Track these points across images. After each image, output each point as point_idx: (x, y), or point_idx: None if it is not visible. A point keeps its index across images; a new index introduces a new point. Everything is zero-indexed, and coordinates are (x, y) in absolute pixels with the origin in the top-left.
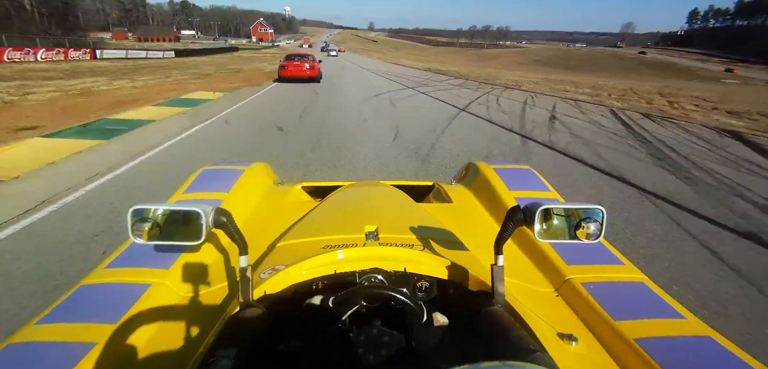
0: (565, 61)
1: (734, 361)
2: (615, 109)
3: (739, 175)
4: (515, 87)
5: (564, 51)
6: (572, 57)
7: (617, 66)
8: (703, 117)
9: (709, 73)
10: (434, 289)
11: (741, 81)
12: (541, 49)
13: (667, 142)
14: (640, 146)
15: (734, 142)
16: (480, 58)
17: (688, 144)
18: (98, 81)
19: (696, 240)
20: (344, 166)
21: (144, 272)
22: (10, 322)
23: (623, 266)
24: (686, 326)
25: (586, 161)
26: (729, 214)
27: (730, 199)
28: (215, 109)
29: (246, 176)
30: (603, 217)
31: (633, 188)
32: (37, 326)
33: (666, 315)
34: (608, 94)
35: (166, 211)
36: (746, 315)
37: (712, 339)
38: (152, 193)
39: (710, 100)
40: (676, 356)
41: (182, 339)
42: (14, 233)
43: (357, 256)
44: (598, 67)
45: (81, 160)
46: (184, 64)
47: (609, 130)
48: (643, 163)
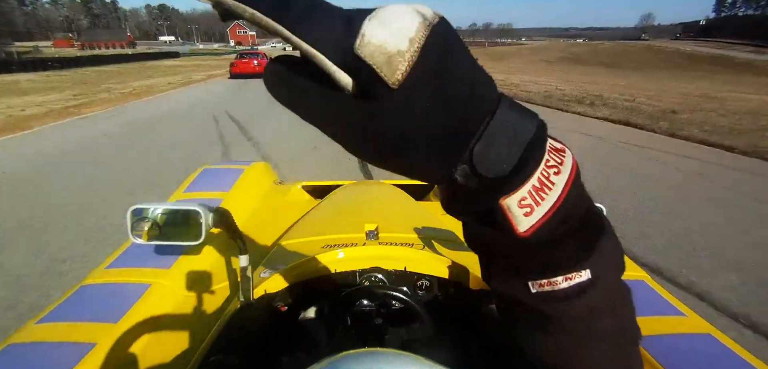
0: (596, 56)
1: (734, 359)
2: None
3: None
4: (559, 106)
5: (591, 46)
6: (604, 52)
7: (662, 62)
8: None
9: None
10: (435, 288)
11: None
12: (566, 44)
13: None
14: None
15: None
16: (491, 57)
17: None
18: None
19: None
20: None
21: (144, 272)
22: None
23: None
24: (686, 324)
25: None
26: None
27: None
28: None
29: (246, 175)
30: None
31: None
32: (37, 326)
33: (666, 312)
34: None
35: (166, 210)
36: None
37: (712, 336)
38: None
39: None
40: (676, 354)
41: (182, 339)
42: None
43: (357, 256)
44: (641, 65)
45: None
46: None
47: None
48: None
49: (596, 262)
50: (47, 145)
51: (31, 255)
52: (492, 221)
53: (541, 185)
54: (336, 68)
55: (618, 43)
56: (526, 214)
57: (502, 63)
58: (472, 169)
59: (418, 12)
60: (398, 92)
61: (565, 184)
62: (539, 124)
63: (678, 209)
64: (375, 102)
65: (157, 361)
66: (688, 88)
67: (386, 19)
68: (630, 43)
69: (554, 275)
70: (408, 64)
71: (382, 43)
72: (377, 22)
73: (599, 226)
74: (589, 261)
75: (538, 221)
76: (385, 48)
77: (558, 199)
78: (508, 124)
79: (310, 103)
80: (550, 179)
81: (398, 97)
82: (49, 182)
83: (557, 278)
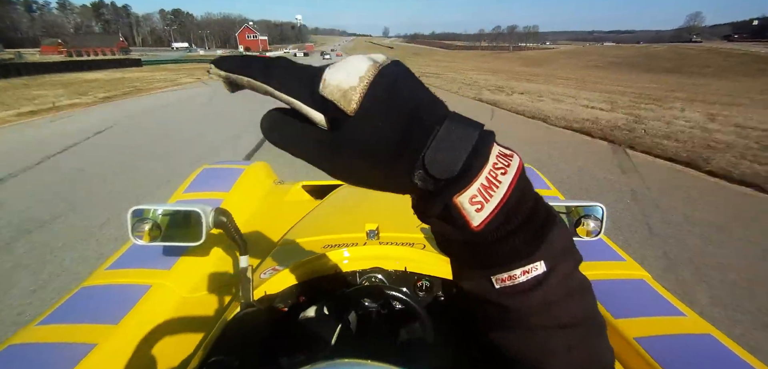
0: (651, 61)
1: (734, 359)
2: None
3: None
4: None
5: (639, 50)
6: (658, 56)
7: (741, 66)
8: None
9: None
10: (435, 289)
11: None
12: (601, 47)
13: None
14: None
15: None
16: (525, 62)
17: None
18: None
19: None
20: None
21: (144, 273)
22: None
23: (624, 263)
24: (686, 324)
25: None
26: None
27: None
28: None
29: (246, 175)
30: (603, 214)
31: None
32: (38, 327)
33: (666, 312)
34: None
35: (167, 211)
36: None
37: (712, 337)
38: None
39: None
40: (676, 354)
41: (183, 339)
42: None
43: (358, 256)
44: (721, 71)
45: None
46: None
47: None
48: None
49: (548, 252)
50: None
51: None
52: (451, 219)
53: (489, 184)
54: (309, 109)
55: (671, 46)
56: (478, 209)
57: (541, 70)
58: (426, 172)
59: (370, 58)
60: (355, 118)
61: (511, 182)
62: (482, 133)
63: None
64: (340, 129)
65: (157, 362)
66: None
67: (342, 66)
68: (684, 46)
69: (511, 268)
70: (359, 95)
71: (338, 83)
72: (335, 69)
73: (548, 219)
74: (541, 251)
75: (488, 215)
76: (341, 86)
77: (504, 195)
78: (453, 133)
79: (296, 141)
80: (497, 178)
81: (356, 122)
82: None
83: (516, 272)
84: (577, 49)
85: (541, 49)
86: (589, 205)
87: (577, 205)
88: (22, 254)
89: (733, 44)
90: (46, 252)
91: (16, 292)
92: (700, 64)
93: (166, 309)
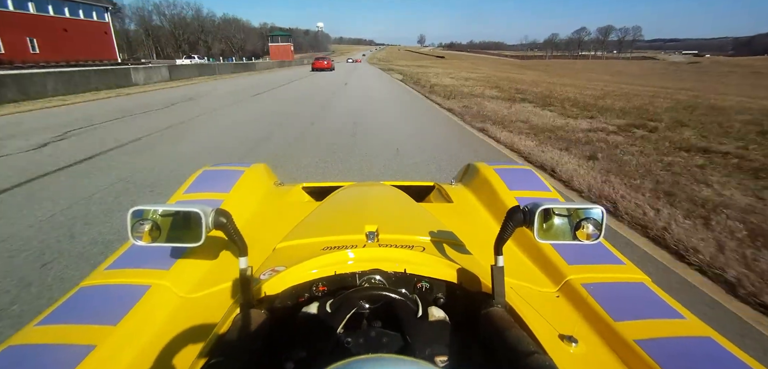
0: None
1: (734, 363)
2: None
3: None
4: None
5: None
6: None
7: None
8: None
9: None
10: (434, 290)
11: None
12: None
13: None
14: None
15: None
16: (516, 66)
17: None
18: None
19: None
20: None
21: (144, 273)
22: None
23: (624, 266)
24: (686, 327)
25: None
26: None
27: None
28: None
29: (246, 177)
30: (603, 217)
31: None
32: (37, 328)
33: (666, 315)
34: None
35: (166, 212)
36: None
37: (712, 340)
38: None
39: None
40: (676, 357)
41: (182, 341)
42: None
43: (357, 257)
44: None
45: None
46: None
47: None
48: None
49: None
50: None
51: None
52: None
53: None
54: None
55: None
56: None
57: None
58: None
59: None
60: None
61: None
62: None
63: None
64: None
65: (157, 364)
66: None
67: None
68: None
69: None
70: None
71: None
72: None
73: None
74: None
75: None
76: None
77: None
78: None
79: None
80: None
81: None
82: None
83: None
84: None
85: (562, 59)
86: (589, 208)
87: (577, 208)
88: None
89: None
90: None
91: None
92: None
93: (165, 310)
